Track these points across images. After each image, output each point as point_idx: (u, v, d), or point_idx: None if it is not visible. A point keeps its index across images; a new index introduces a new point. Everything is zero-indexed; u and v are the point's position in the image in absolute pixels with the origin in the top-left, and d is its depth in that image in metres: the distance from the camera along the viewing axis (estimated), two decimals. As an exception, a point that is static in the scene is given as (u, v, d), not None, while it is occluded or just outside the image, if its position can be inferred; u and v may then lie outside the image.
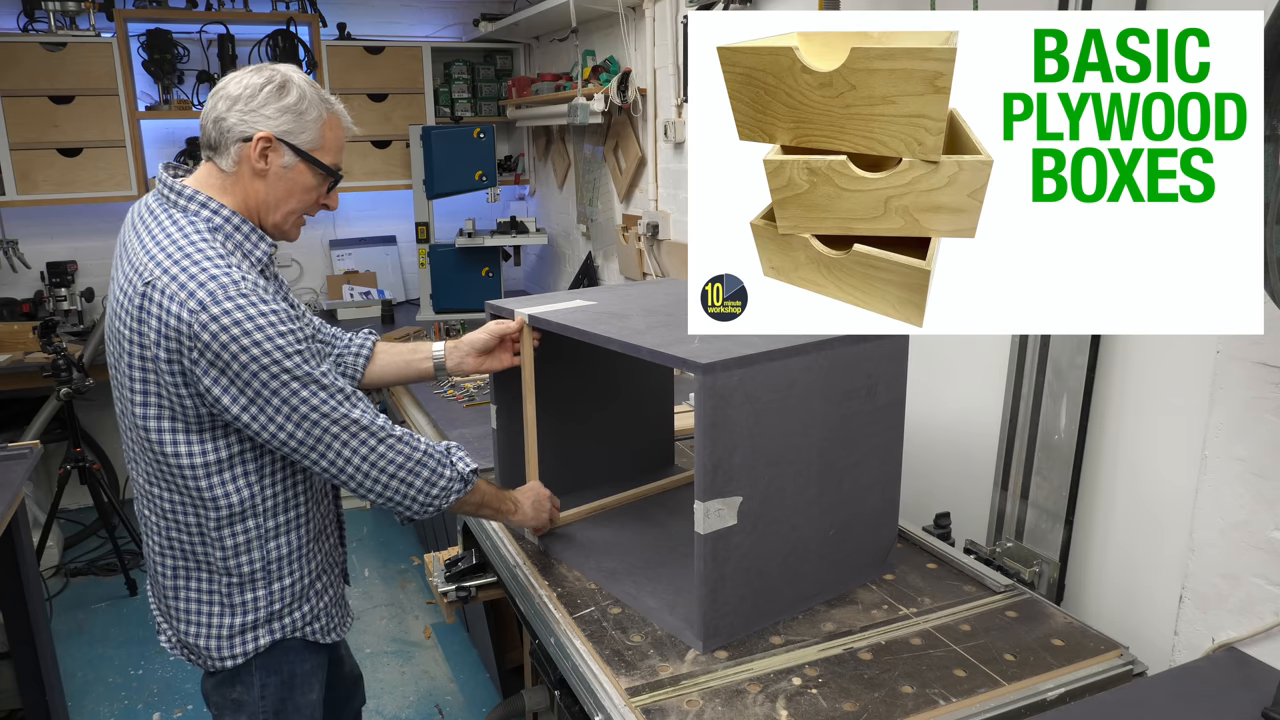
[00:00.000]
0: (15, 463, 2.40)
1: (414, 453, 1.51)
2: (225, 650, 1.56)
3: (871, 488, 1.65)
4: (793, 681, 1.40)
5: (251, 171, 1.47)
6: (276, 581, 1.56)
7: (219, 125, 1.46)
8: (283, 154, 1.47)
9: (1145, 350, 1.64)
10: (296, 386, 1.39)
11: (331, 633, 1.69)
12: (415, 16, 4.94)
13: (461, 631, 3.46)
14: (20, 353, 3.98)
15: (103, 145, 4.17)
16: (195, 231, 1.42)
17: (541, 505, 1.81)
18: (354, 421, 1.44)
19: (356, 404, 1.46)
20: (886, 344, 1.61)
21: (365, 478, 1.47)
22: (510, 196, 5.28)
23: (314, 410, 1.41)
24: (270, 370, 1.37)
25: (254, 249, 1.50)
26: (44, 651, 2.49)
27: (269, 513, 1.53)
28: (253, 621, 1.56)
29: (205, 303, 1.34)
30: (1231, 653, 1.47)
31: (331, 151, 1.53)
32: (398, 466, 1.49)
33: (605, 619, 1.59)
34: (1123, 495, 1.71)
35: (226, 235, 1.46)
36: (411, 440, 1.51)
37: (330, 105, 1.53)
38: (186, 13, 4.31)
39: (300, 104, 1.47)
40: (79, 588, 3.91)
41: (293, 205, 1.52)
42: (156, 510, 1.52)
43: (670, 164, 3.43)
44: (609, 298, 1.92)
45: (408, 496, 1.52)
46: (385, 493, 1.50)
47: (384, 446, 1.47)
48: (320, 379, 1.42)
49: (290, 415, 1.40)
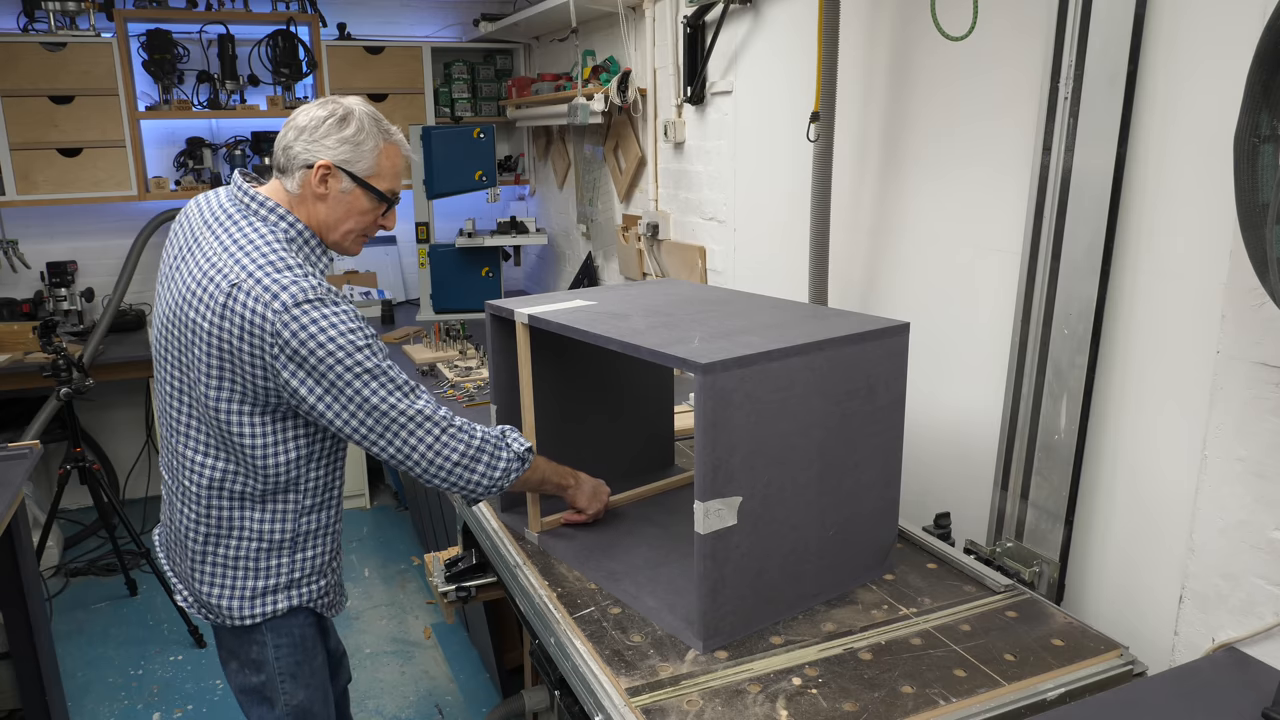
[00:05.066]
0: (15, 463, 2.40)
1: (473, 439, 1.64)
2: (246, 610, 1.70)
3: (871, 488, 1.65)
4: (793, 681, 1.40)
5: (313, 195, 1.64)
6: (300, 552, 1.72)
7: (287, 153, 1.63)
8: (341, 180, 1.63)
9: (1145, 350, 1.64)
10: (368, 379, 1.54)
11: (334, 608, 1.84)
12: (415, 16, 4.94)
13: (461, 631, 3.46)
14: (20, 353, 3.98)
15: (103, 145, 4.17)
16: (276, 240, 1.58)
17: (600, 493, 1.91)
18: (419, 412, 1.58)
19: (420, 396, 1.61)
20: (886, 344, 1.61)
21: (430, 465, 1.61)
22: (510, 196, 5.28)
23: (383, 401, 1.55)
24: (345, 364, 1.52)
25: (319, 260, 1.67)
26: (44, 651, 2.49)
27: (308, 491, 1.70)
28: (274, 585, 1.71)
29: (288, 304, 1.50)
30: (1231, 653, 1.47)
31: (387, 178, 1.68)
32: (460, 455, 1.62)
33: (605, 619, 1.59)
34: (1123, 495, 1.71)
35: (300, 246, 1.63)
36: (469, 428, 1.65)
37: (389, 135, 1.68)
38: (186, 13, 4.31)
39: (358, 135, 1.63)
40: (79, 588, 3.91)
41: (350, 225, 1.68)
42: (201, 481, 1.65)
43: (670, 164, 3.43)
44: (609, 298, 1.92)
45: (470, 481, 1.65)
46: (450, 479, 1.63)
47: (446, 436, 1.61)
48: (388, 371, 1.57)
49: (362, 406, 1.55)
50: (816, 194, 2.25)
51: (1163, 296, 1.59)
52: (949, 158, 2.06)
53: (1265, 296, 1.28)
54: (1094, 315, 1.66)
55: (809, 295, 2.33)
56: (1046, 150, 1.72)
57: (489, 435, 1.68)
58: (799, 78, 2.52)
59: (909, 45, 2.14)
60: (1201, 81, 1.49)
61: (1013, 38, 1.84)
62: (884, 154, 2.27)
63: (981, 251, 1.99)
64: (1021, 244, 1.80)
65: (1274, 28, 1.16)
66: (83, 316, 4.40)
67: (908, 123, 2.17)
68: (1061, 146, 1.69)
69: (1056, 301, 1.73)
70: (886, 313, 2.03)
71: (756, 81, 2.82)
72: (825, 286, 2.32)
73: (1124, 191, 1.62)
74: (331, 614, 1.84)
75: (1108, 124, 1.61)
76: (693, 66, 3.08)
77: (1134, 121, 1.60)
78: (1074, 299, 1.70)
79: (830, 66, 2.18)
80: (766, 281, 2.86)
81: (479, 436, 1.65)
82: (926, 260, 2.16)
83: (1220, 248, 1.46)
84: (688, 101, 3.17)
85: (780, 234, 2.76)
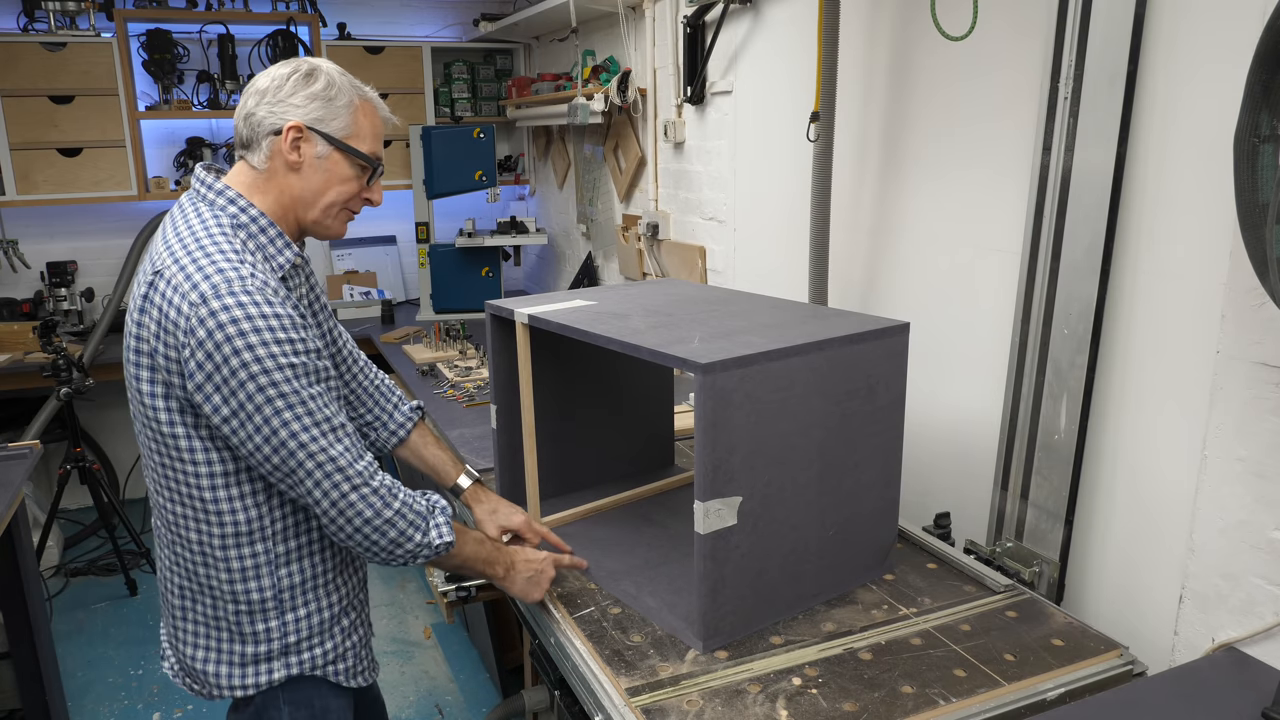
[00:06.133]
0: (15, 463, 2.40)
1: (386, 509, 1.40)
2: (237, 678, 1.47)
3: (871, 488, 1.65)
4: (793, 681, 1.40)
5: (285, 166, 1.41)
6: (290, 612, 1.47)
7: (249, 121, 1.41)
8: (315, 143, 1.41)
9: (1145, 350, 1.64)
10: (281, 405, 1.30)
11: (358, 675, 1.58)
12: (415, 16, 4.94)
13: (461, 631, 3.46)
14: (20, 353, 3.98)
15: (103, 145, 4.17)
16: (216, 225, 1.37)
17: (539, 580, 1.64)
18: (330, 460, 1.34)
19: (340, 440, 1.36)
20: (886, 344, 1.61)
21: (331, 521, 1.38)
22: (510, 196, 5.28)
23: (293, 438, 1.32)
24: (257, 381, 1.29)
25: (278, 254, 1.43)
26: (44, 651, 2.49)
27: (278, 536, 1.44)
28: (266, 652, 1.47)
29: (207, 295, 1.27)
30: (1231, 653, 1.47)
31: (368, 139, 1.45)
32: (364, 520, 1.38)
33: (605, 619, 1.59)
34: (1123, 495, 1.71)
35: (250, 235, 1.40)
36: (388, 494, 1.41)
37: (362, 92, 1.46)
38: (186, 13, 4.31)
39: (329, 90, 1.41)
40: (79, 588, 3.91)
41: (331, 198, 1.44)
42: (165, 520, 1.46)
43: (670, 164, 3.43)
44: (609, 298, 1.92)
45: (373, 548, 1.42)
46: (352, 539, 1.40)
47: (356, 495, 1.37)
48: (308, 402, 1.32)
49: (269, 437, 1.31)
50: (816, 194, 2.25)
51: (1163, 296, 1.59)
52: (949, 157, 2.06)
53: (1265, 296, 1.29)
54: (1094, 315, 1.66)
55: (809, 295, 2.33)
56: (1046, 150, 1.72)
57: (409, 508, 1.43)
58: (799, 78, 2.52)
59: (909, 45, 2.14)
60: (1201, 82, 1.50)
61: (1012, 38, 1.84)
62: (884, 154, 2.27)
63: (981, 251, 1.99)
64: (1021, 244, 1.80)
65: (1274, 28, 1.16)
66: (83, 316, 4.40)
67: (908, 122, 2.17)
68: (1061, 146, 1.69)
69: (1056, 301, 1.73)
70: (886, 313, 2.03)
71: (756, 81, 2.82)
72: (825, 286, 2.32)
73: (1124, 192, 1.62)
74: (356, 682, 1.58)
75: (1108, 124, 1.61)
76: (693, 66, 3.08)
77: (1134, 122, 1.60)
78: (1074, 299, 1.70)
79: (830, 66, 2.18)
80: (766, 281, 2.86)
81: (396, 505, 1.41)
82: (926, 260, 2.16)
83: (1220, 248, 1.46)
84: (688, 101, 3.17)
85: (780, 234, 2.76)
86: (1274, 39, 1.17)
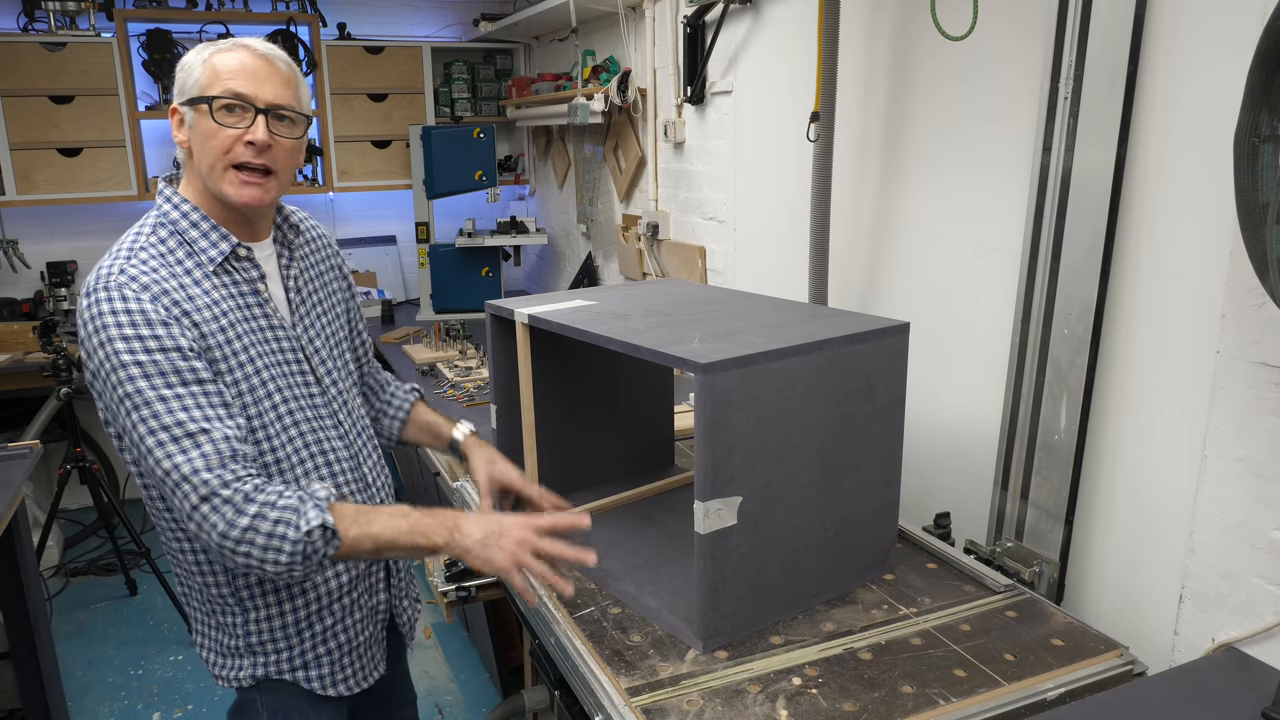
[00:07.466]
0: (15, 463, 2.40)
1: (240, 517, 1.27)
2: (219, 667, 1.50)
3: (871, 488, 1.65)
4: (793, 681, 1.40)
5: (185, 153, 1.42)
6: (252, 611, 1.45)
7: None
8: (184, 115, 1.39)
9: (1145, 350, 1.64)
10: (129, 406, 1.26)
11: (340, 684, 1.53)
12: (415, 16, 4.94)
13: (461, 631, 3.46)
14: (20, 353, 3.98)
15: (103, 145, 4.17)
16: (143, 226, 1.40)
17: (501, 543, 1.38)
18: (175, 468, 1.26)
19: (193, 448, 1.26)
20: (886, 344, 1.61)
21: (195, 538, 1.31)
22: (510, 196, 5.28)
23: (141, 441, 1.27)
24: (112, 378, 1.27)
25: (210, 247, 1.39)
26: (44, 651, 2.49)
27: None
28: (235, 647, 1.47)
29: (91, 287, 1.31)
30: (1231, 653, 1.47)
31: (220, 82, 1.35)
32: (221, 534, 1.27)
33: (605, 619, 1.59)
34: (1123, 495, 1.71)
35: (175, 231, 1.39)
36: (243, 500, 1.27)
37: (219, 46, 1.40)
38: (186, 13, 4.31)
39: (185, 64, 1.39)
40: (79, 588, 3.91)
41: (209, 159, 1.37)
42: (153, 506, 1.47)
43: (670, 164, 3.43)
44: (609, 298, 1.92)
45: (248, 562, 1.28)
46: (225, 558, 1.30)
47: (207, 506, 1.26)
48: (154, 404, 1.25)
49: (125, 435, 1.30)
50: (816, 194, 2.25)
51: (1163, 296, 1.59)
52: (949, 157, 2.06)
53: (1265, 296, 1.29)
54: (1094, 315, 1.66)
55: (809, 295, 2.33)
56: (1046, 150, 1.72)
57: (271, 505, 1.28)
58: (799, 78, 2.52)
59: (909, 45, 2.14)
60: (1201, 82, 1.50)
61: (1013, 38, 1.84)
62: (884, 154, 2.27)
63: (981, 251, 1.99)
64: (1021, 244, 1.80)
65: (1274, 28, 1.17)
66: (83, 316, 4.39)
67: (908, 122, 2.17)
68: (1061, 147, 1.69)
69: (1056, 301, 1.73)
70: (886, 313, 2.03)
71: (756, 81, 2.82)
72: (825, 286, 2.32)
73: (1124, 192, 1.62)
74: (333, 691, 1.52)
75: (1108, 124, 1.61)
76: (693, 66, 3.08)
77: (1134, 122, 1.60)
78: (1074, 299, 1.70)
79: (830, 66, 2.18)
80: (766, 281, 2.86)
81: (253, 509, 1.27)
82: (926, 260, 2.16)
83: (1220, 248, 1.46)
84: (688, 101, 3.17)
85: (780, 234, 2.76)
86: (1274, 39, 1.17)
